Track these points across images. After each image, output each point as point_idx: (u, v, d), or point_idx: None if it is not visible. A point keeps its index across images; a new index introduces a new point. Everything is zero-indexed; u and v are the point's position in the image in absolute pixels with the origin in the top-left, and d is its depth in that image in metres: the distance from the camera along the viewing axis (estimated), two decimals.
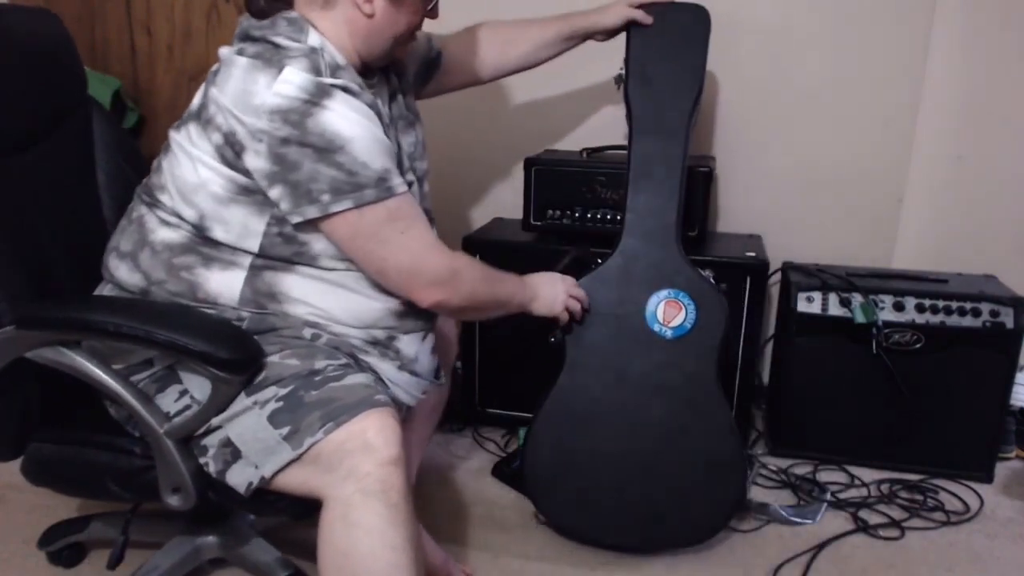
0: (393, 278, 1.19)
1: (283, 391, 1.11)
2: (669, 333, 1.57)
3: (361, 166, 1.11)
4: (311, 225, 1.15)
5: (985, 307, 1.79)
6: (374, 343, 1.24)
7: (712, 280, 1.61)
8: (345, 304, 1.21)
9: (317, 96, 1.09)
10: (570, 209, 1.95)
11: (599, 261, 1.61)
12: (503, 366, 2.03)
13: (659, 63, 1.65)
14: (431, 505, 1.76)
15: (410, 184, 1.22)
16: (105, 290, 1.26)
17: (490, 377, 2.05)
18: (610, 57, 1.86)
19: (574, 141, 2.11)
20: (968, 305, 1.79)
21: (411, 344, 1.28)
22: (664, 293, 1.58)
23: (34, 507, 1.70)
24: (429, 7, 1.26)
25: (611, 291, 1.58)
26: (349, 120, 1.10)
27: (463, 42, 1.59)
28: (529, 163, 1.95)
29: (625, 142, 1.70)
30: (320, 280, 1.20)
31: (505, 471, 1.88)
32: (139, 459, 1.20)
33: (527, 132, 2.19)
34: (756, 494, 1.80)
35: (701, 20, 1.64)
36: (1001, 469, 1.90)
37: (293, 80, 1.08)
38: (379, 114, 1.18)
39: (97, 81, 2.35)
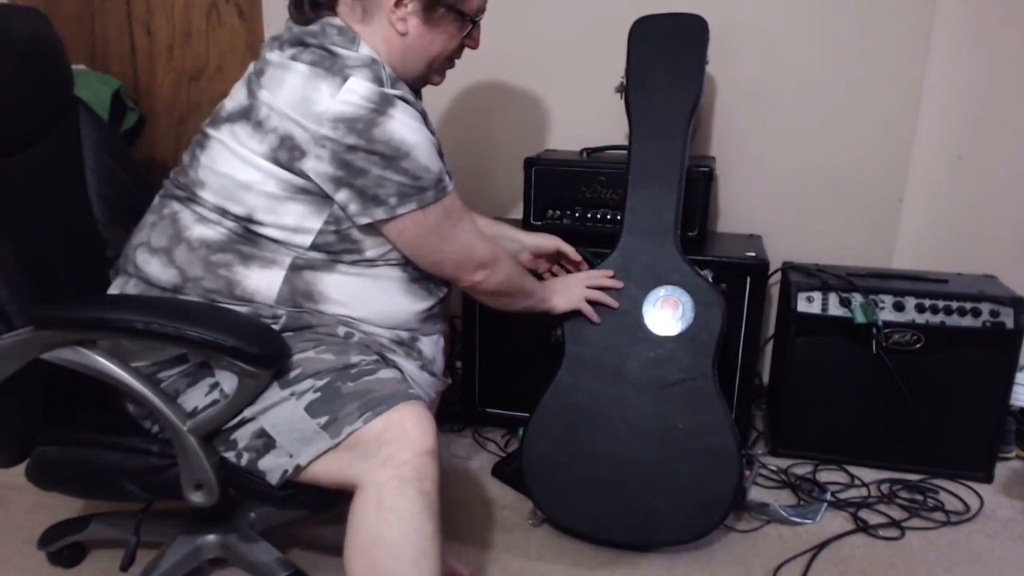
0: (447, 268, 1.30)
1: (320, 383, 1.14)
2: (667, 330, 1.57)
3: (424, 170, 1.17)
4: (371, 226, 1.19)
5: (985, 307, 1.79)
6: (400, 343, 1.29)
7: (711, 280, 1.61)
8: (378, 306, 1.26)
9: (382, 106, 1.13)
10: (570, 209, 1.95)
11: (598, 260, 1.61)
12: (503, 366, 2.03)
13: (659, 70, 1.69)
14: None
15: None
16: (130, 284, 1.25)
17: (490, 377, 2.05)
18: (609, 58, 1.86)
19: (574, 141, 2.11)
20: (968, 305, 1.79)
21: (430, 345, 1.34)
22: (662, 291, 1.58)
23: (34, 507, 1.70)
24: (465, 33, 1.28)
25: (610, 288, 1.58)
26: (411, 128, 1.15)
27: None
28: (529, 163, 1.95)
29: (625, 142, 1.71)
30: (359, 278, 1.23)
31: (505, 471, 1.88)
32: (156, 457, 1.21)
33: (527, 132, 2.19)
34: (756, 494, 1.80)
35: (699, 29, 1.69)
36: (1001, 469, 1.90)
37: (357, 90, 1.12)
38: (426, 121, 1.23)
39: (97, 81, 2.35)
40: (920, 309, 1.81)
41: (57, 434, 1.24)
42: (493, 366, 2.04)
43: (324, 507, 1.23)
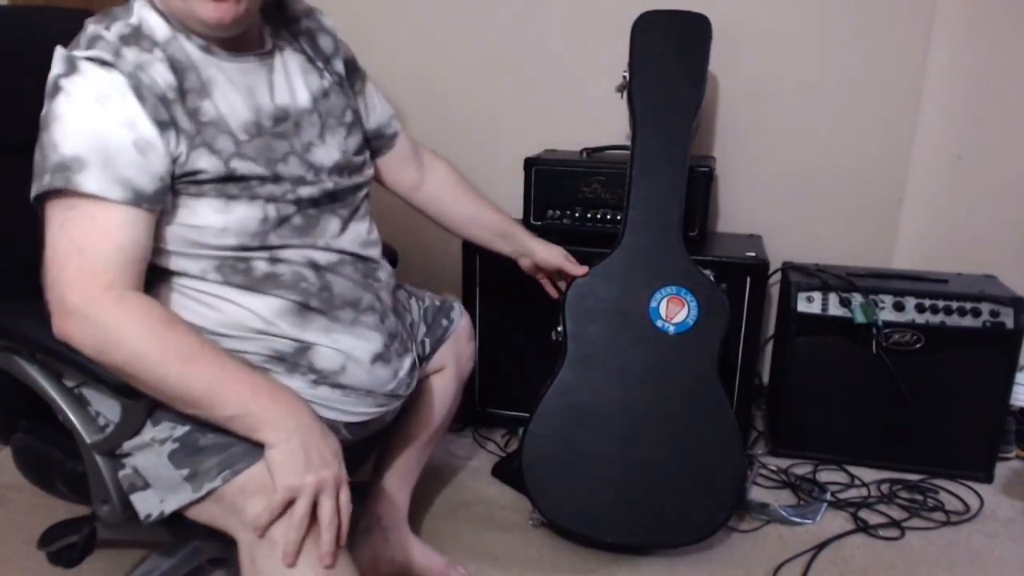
0: (47, 290, 0.99)
1: (179, 431, 1.04)
2: (671, 329, 1.57)
3: (52, 148, 0.97)
4: None
5: (985, 307, 1.79)
6: (278, 358, 1.10)
7: (712, 279, 1.61)
8: (221, 315, 1.08)
9: (65, 73, 0.99)
10: (570, 209, 1.95)
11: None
12: (503, 366, 2.03)
13: (662, 68, 1.69)
14: (431, 506, 1.76)
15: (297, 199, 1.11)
16: None
17: (490, 377, 2.05)
18: (609, 58, 1.86)
19: (574, 141, 2.11)
20: (968, 305, 1.79)
21: (334, 355, 1.12)
22: (667, 289, 1.58)
23: (34, 507, 1.70)
24: None
25: (614, 286, 1.59)
26: (72, 99, 0.98)
27: (422, 156, 1.53)
28: (529, 163, 1.95)
29: (625, 142, 1.71)
30: (190, 280, 1.08)
31: (505, 471, 1.88)
32: (82, 463, 1.15)
33: (527, 132, 2.19)
34: (756, 494, 1.80)
35: (702, 28, 1.69)
36: (1001, 469, 1.90)
37: (56, 61, 1.01)
38: (156, 89, 1.01)
39: None
40: (920, 309, 1.81)
41: (34, 424, 1.24)
42: (493, 366, 2.04)
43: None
